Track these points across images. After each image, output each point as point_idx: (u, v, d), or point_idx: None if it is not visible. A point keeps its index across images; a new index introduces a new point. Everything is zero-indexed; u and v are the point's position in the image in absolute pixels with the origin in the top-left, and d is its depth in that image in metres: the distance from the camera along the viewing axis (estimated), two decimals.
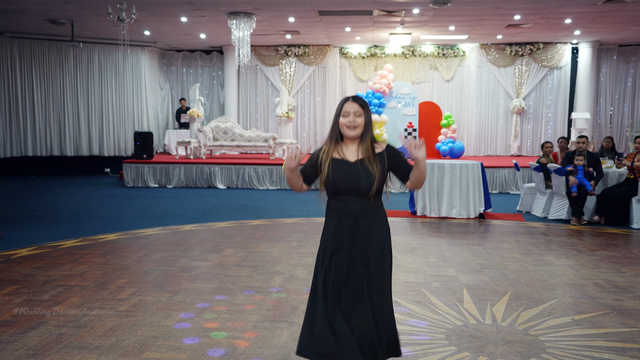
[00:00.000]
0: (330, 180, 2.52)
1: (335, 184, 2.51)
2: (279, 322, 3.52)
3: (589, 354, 3.07)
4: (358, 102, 2.56)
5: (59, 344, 3.16)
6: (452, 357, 3.01)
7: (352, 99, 2.57)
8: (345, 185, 2.50)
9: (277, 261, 5.13)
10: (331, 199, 2.59)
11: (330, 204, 2.60)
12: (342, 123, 2.55)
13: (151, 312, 3.70)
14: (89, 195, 10.04)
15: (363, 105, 2.57)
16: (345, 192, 2.52)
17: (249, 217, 7.61)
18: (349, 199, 2.52)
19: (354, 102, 2.55)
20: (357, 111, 2.54)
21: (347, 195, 2.52)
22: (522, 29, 12.51)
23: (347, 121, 2.53)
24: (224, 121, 12.57)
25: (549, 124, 14.78)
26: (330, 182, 2.52)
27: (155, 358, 2.98)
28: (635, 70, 14.47)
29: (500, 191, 10.97)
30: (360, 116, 2.54)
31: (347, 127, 2.53)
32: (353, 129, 2.53)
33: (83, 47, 13.22)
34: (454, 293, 4.15)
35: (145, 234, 6.42)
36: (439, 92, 14.96)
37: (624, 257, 5.41)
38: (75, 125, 13.68)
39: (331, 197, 2.59)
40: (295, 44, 14.72)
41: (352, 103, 2.55)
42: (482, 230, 6.89)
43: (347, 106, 2.55)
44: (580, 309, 3.82)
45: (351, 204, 2.51)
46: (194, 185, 11.34)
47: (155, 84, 15.10)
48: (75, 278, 4.51)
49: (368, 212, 2.52)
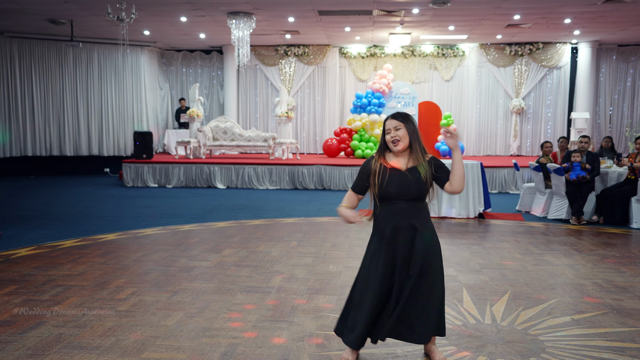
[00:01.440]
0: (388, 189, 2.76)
1: (392, 192, 2.76)
2: (278, 322, 3.52)
3: (589, 353, 3.07)
4: (396, 118, 2.82)
5: (58, 343, 3.16)
6: (452, 357, 3.01)
7: (391, 116, 2.84)
8: (397, 192, 2.76)
9: (277, 261, 5.13)
10: (382, 205, 2.82)
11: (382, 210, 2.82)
12: (387, 140, 2.83)
13: (151, 312, 3.70)
14: (89, 195, 10.04)
15: (402, 119, 2.81)
16: (396, 197, 2.77)
17: (249, 217, 7.61)
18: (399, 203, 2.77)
19: (392, 118, 2.82)
20: (396, 126, 2.79)
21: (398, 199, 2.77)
22: (522, 29, 12.50)
23: (390, 137, 2.81)
24: (223, 121, 12.57)
25: (548, 123, 14.79)
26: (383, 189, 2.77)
27: (155, 358, 2.98)
28: (635, 70, 14.48)
29: (499, 191, 10.98)
30: (399, 129, 2.79)
31: (392, 143, 2.80)
32: (397, 144, 2.79)
33: (82, 46, 13.23)
34: (453, 293, 4.15)
35: (144, 233, 6.42)
36: (438, 92, 14.97)
37: (623, 257, 5.42)
38: (74, 125, 13.68)
39: (382, 203, 2.82)
40: (294, 43, 14.72)
41: (391, 120, 2.82)
42: (482, 230, 6.89)
43: (387, 123, 2.83)
44: (579, 309, 3.82)
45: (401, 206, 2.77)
46: (193, 185, 11.34)
47: (154, 83, 15.10)
48: (75, 278, 4.51)
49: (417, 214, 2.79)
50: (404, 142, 2.79)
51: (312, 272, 4.76)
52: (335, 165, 11.18)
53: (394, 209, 2.78)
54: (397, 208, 2.78)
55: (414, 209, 2.79)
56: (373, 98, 12.86)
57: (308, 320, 3.55)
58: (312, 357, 3.00)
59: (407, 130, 2.79)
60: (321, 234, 6.45)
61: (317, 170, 11.17)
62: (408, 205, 2.78)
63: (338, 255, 5.39)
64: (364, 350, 3.06)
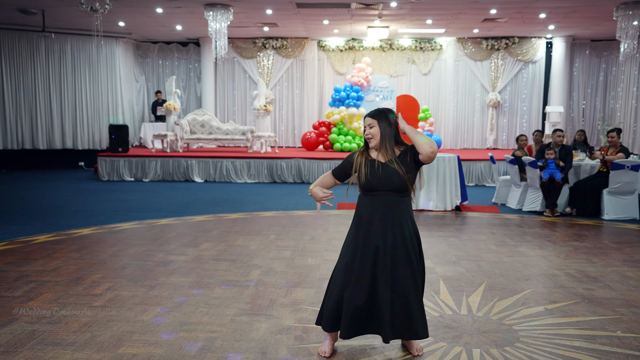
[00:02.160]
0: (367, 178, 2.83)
1: (370, 182, 2.83)
2: (257, 316, 3.52)
3: (561, 342, 3.14)
4: (372, 116, 2.91)
5: (31, 340, 3.10)
6: (428, 348, 3.05)
7: (367, 115, 2.94)
8: (379, 183, 2.81)
9: (255, 254, 5.12)
10: (365, 196, 2.88)
11: (364, 200, 2.89)
12: (364, 136, 2.94)
13: (127, 307, 3.65)
14: (63, 189, 9.86)
15: (376, 116, 2.90)
16: (379, 188, 2.82)
17: (227, 211, 7.57)
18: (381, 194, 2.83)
19: (368, 116, 2.93)
20: (370, 123, 2.89)
21: (380, 190, 2.82)
22: (498, 24, 12.65)
23: (365, 134, 2.91)
24: (201, 114, 12.45)
25: (524, 117, 15.01)
26: (366, 180, 2.83)
27: (132, 353, 2.95)
28: (607, 65, 14.78)
29: (476, 184, 11.12)
30: (373, 127, 2.88)
31: (367, 139, 2.91)
32: (371, 141, 2.89)
33: (55, 37, 12.92)
34: (430, 285, 4.20)
35: (120, 228, 6.33)
36: (416, 86, 15.06)
37: (594, 248, 5.55)
38: (47, 118, 13.38)
39: (365, 194, 2.88)
40: (273, 36, 14.63)
41: (367, 117, 2.93)
42: (459, 222, 6.98)
43: (364, 121, 2.94)
44: (552, 299, 3.91)
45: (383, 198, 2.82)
46: (170, 179, 11.22)
47: (130, 76, 14.85)
48: (49, 273, 4.43)
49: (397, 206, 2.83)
50: (376, 140, 2.86)
51: (291, 265, 4.76)
52: (313, 158, 11.18)
53: (375, 200, 2.83)
54: (378, 199, 2.83)
55: (394, 200, 2.83)
56: (351, 91, 12.87)
57: (286, 313, 3.55)
58: (291, 349, 3.01)
59: (380, 128, 2.86)
60: (300, 227, 6.45)
61: (296, 163, 11.15)
62: (389, 197, 2.82)
63: (317, 248, 5.40)
64: (344, 343, 3.07)
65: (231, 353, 2.97)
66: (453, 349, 3.04)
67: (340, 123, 12.72)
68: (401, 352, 3.00)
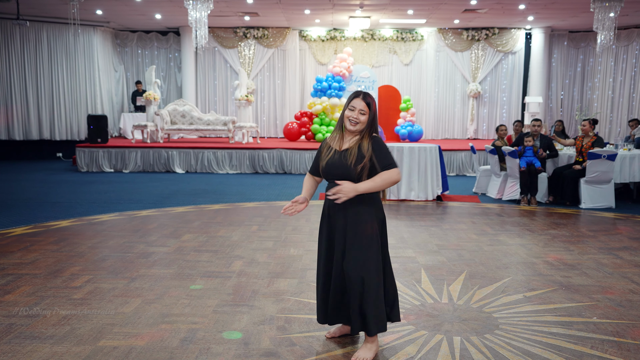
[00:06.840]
0: (323, 167, 2.79)
1: (324, 171, 2.79)
2: (239, 306, 3.51)
3: (539, 328, 3.20)
4: (365, 101, 2.75)
5: (8, 334, 3.05)
6: (410, 336, 3.08)
7: (362, 96, 2.77)
8: (330, 172, 2.77)
9: (237, 245, 5.10)
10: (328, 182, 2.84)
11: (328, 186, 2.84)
12: (346, 115, 2.76)
13: (107, 300, 3.62)
14: (40, 180, 9.68)
15: (369, 104, 2.75)
16: (332, 178, 2.77)
17: (208, 202, 7.52)
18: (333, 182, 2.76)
19: (362, 99, 2.75)
20: (362, 109, 2.74)
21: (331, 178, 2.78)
22: (478, 14, 12.71)
23: (351, 115, 2.74)
24: (181, 104, 12.31)
25: (503, 107, 15.17)
26: (322, 169, 2.80)
27: (112, 346, 2.93)
28: (585, 56, 14.99)
29: (457, 174, 11.22)
30: (364, 114, 2.74)
31: (350, 121, 2.75)
32: (354, 125, 2.75)
33: (30, 26, 12.61)
34: (412, 274, 4.24)
35: (100, 219, 6.25)
36: (398, 76, 15.09)
37: (572, 236, 5.65)
38: (23, 108, 13.10)
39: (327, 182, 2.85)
40: (254, 26, 14.50)
41: (361, 100, 2.75)
42: (440, 212, 7.04)
43: (355, 102, 2.76)
44: (531, 286, 3.97)
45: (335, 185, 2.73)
46: (151, 169, 11.10)
47: (109, 65, 14.59)
48: (26, 266, 4.35)
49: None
50: (360, 127, 2.75)
51: (273, 256, 4.76)
52: (295, 149, 11.15)
53: (331, 187, 2.77)
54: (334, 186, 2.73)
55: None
56: (333, 82, 12.85)
57: (269, 304, 3.56)
58: (273, 340, 3.01)
59: (368, 118, 2.76)
60: (282, 218, 6.44)
61: (278, 154, 11.12)
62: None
63: (299, 238, 5.40)
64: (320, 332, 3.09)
65: (213, 344, 2.96)
66: (434, 337, 3.08)
67: (322, 113, 12.70)
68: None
